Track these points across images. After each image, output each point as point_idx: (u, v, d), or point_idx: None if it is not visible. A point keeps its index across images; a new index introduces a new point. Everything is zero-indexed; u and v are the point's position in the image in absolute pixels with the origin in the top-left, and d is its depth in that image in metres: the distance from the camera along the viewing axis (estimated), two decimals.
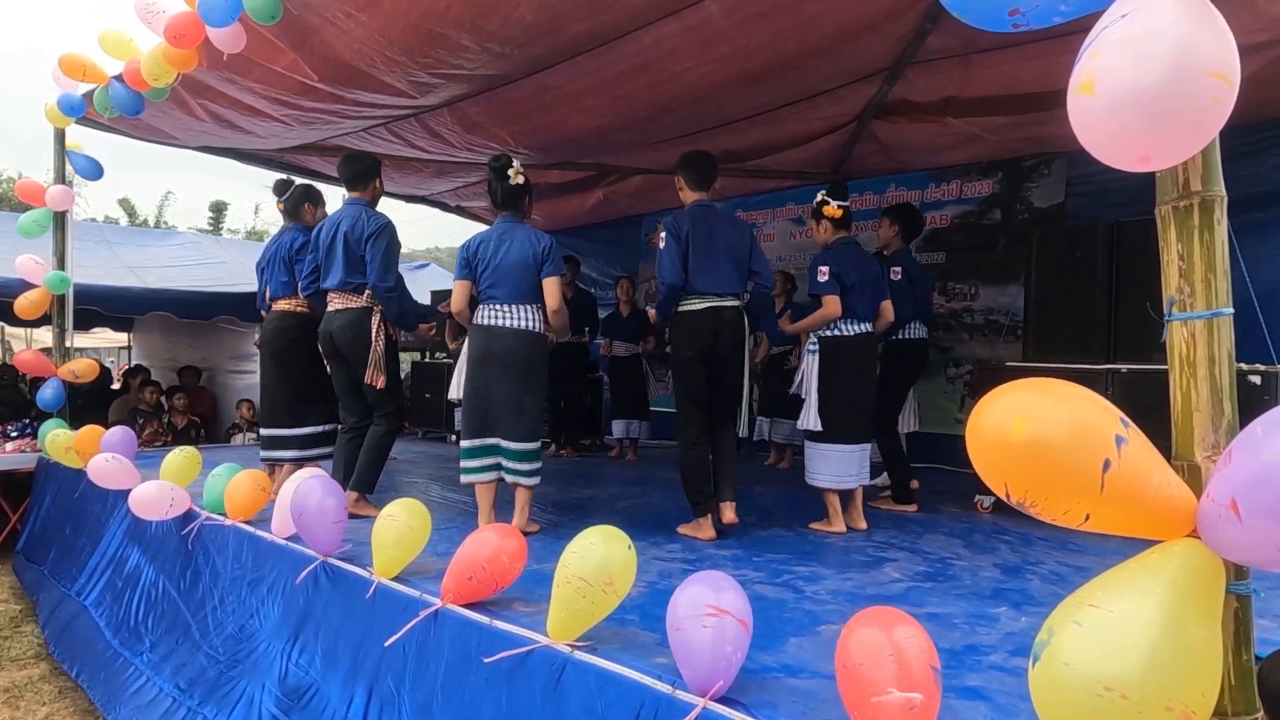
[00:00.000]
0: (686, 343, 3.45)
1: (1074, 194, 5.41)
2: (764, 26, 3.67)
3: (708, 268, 3.40)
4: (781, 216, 7.06)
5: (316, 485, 2.85)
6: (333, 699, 2.54)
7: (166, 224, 21.59)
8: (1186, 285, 1.30)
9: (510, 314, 3.31)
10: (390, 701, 2.34)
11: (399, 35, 3.52)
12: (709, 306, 3.42)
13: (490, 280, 3.33)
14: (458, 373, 3.50)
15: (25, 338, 12.11)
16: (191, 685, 3.15)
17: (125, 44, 4.59)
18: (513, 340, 3.30)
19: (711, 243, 3.42)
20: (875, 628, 1.53)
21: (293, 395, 4.00)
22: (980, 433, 1.22)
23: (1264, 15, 3.39)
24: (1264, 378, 3.35)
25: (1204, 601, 1.14)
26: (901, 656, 1.45)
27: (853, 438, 3.63)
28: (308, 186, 4.29)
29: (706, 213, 3.49)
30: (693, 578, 1.85)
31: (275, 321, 4.04)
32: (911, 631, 1.51)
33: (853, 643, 1.53)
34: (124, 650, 3.64)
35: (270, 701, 2.75)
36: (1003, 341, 5.68)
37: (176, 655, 3.34)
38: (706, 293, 3.41)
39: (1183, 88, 1.09)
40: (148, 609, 3.72)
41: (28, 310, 5.54)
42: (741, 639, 1.70)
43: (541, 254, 3.33)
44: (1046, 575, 2.91)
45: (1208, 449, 1.28)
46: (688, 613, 1.71)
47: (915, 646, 1.48)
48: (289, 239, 4.06)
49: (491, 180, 3.47)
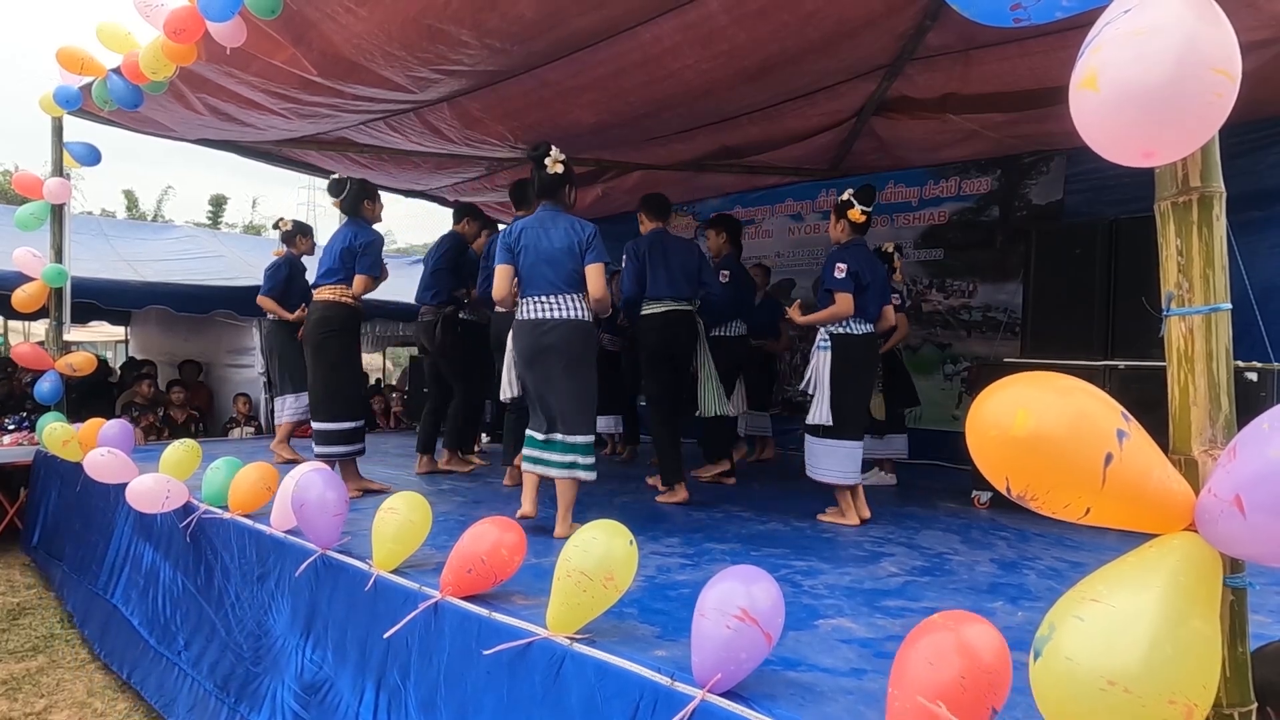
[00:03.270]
0: (649, 338, 4.26)
1: (1072, 191, 5.42)
2: (764, 23, 3.67)
3: (664, 279, 4.21)
4: (779, 213, 7.06)
5: (317, 478, 2.85)
6: (346, 694, 2.55)
7: (163, 218, 21.54)
8: (1185, 280, 1.31)
9: (556, 305, 3.22)
10: (397, 694, 2.35)
11: (398, 30, 3.51)
12: (667, 310, 4.22)
13: (532, 269, 3.25)
14: (506, 370, 3.46)
15: (24, 331, 12.08)
16: (226, 683, 3.17)
17: (123, 37, 4.57)
18: (563, 332, 3.21)
19: (667, 260, 4.23)
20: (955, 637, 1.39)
21: (330, 386, 3.93)
22: (981, 426, 1.21)
23: (1263, 12, 3.40)
24: (1260, 375, 3.36)
25: (1203, 595, 1.14)
26: (973, 682, 1.33)
27: (859, 434, 3.70)
28: (363, 182, 4.16)
29: (662, 237, 4.34)
30: (733, 571, 1.79)
31: (319, 310, 3.95)
32: (995, 666, 1.37)
33: (930, 639, 1.42)
34: (163, 649, 3.64)
35: (291, 698, 2.77)
36: (1000, 338, 5.69)
37: (209, 653, 3.35)
38: (664, 298, 4.21)
39: (1186, 83, 1.10)
40: (173, 606, 3.72)
41: (25, 303, 5.53)
42: (759, 649, 1.66)
43: (585, 241, 3.25)
44: (1043, 570, 2.93)
45: (1205, 443, 1.29)
46: (716, 606, 1.68)
47: (989, 680, 1.35)
48: (348, 232, 3.97)
49: (532, 171, 3.40)
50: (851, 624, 2.24)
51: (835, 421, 3.62)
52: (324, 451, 3.90)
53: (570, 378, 3.24)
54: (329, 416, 3.93)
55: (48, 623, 4.49)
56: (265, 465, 3.52)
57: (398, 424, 8.41)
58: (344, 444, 3.95)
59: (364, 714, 2.45)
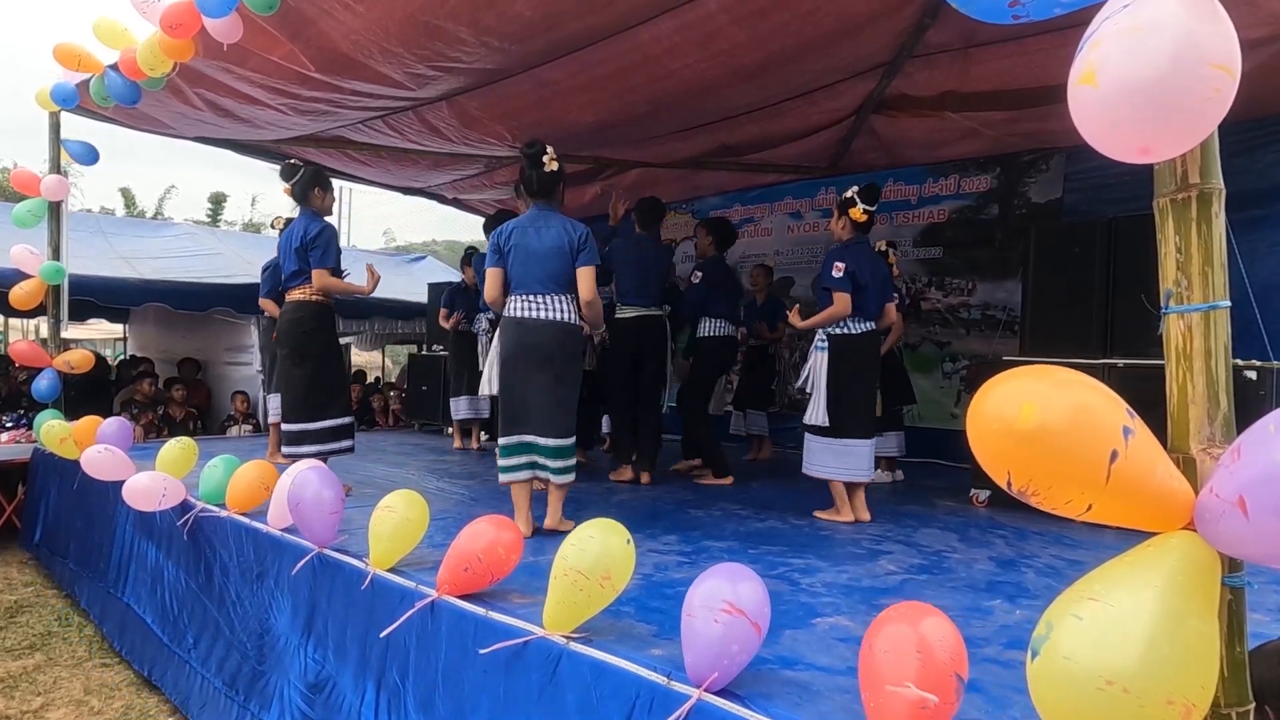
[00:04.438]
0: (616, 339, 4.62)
1: (1072, 189, 5.41)
2: (762, 22, 3.66)
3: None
4: (779, 211, 7.05)
5: (313, 476, 2.84)
6: (348, 693, 2.55)
7: (163, 215, 21.49)
8: (1184, 278, 1.30)
9: (544, 305, 3.17)
10: (396, 694, 2.35)
11: (396, 27, 3.50)
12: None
13: (522, 268, 3.19)
14: (489, 367, 3.39)
15: (22, 328, 12.06)
16: (234, 681, 3.17)
17: (120, 33, 4.55)
18: (547, 333, 3.16)
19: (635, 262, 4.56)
20: (905, 623, 1.48)
21: (311, 387, 3.86)
22: (983, 419, 1.18)
23: (1262, 10, 3.40)
24: (1259, 373, 3.36)
25: (1202, 594, 1.13)
26: (928, 654, 1.40)
27: (862, 433, 3.67)
28: (317, 169, 4.05)
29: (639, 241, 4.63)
30: (717, 569, 1.79)
31: (290, 312, 3.88)
32: (944, 634, 1.45)
33: (883, 630, 1.48)
34: (175, 647, 3.64)
35: (297, 697, 2.77)
36: (999, 337, 5.69)
37: (216, 651, 3.35)
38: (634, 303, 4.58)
39: (1185, 79, 1.09)
40: (179, 604, 3.72)
41: (23, 300, 5.51)
42: (750, 641, 1.68)
43: (577, 242, 3.20)
44: (1041, 569, 2.92)
45: (1203, 442, 1.28)
46: (702, 603, 1.69)
47: (946, 649, 1.42)
48: (299, 227, 3.85)
49: (525, 167, 3.32)
50: (849, 622, 2.23)
51: (834, 421, 3.61)
52: (316, 450, 3.80)
53: (552, 379, 3.17)
54: (313, 416, 3.84)
55: (45, 620, 4.48)
56: (263, 463, 3.50)
57: (396, 422, 8.40)
58: (334, 440, 3.88)
59: (365, 713, 2.45)
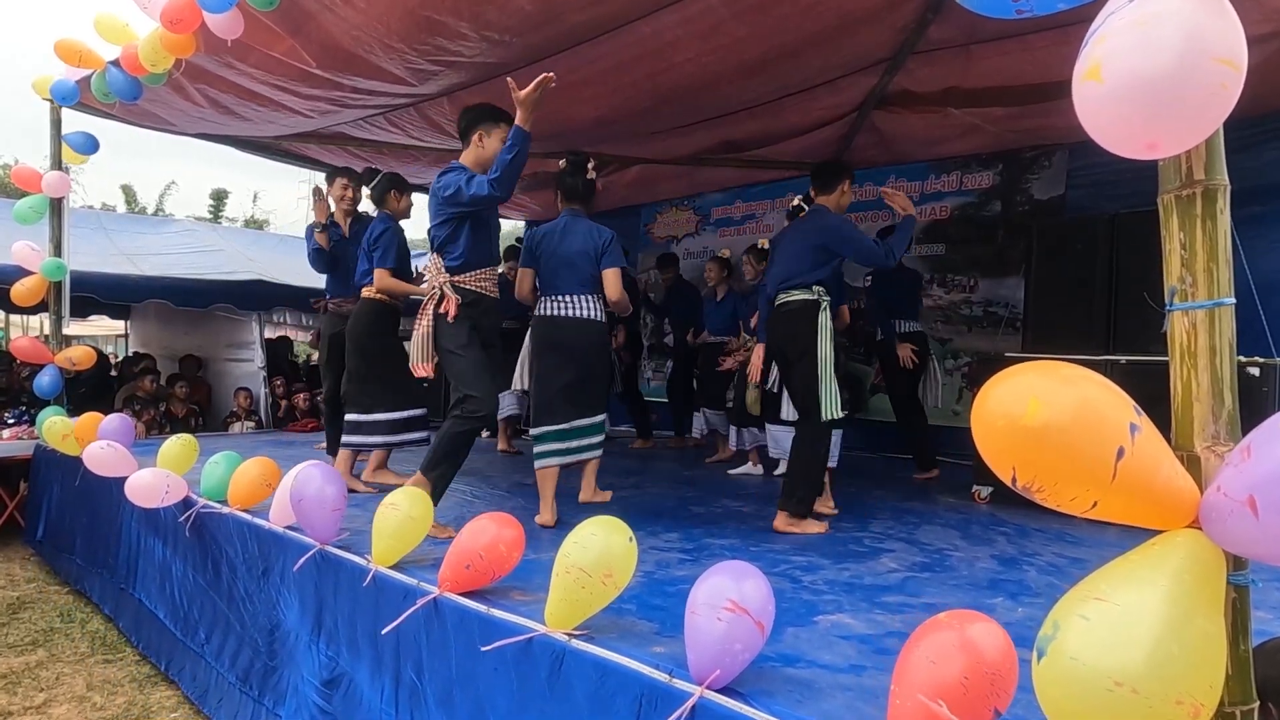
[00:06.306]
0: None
1: (1074, 186, 5.40)
2: (764, 17, 3.65)
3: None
4: (780, 207, 7.02)
5: (316, 473, 2.84)
6: (365, 688, 2.56)
7: (164, 212, 21.48)
8: (1188, 275, 1.29)
9: (571, 304, 3.42)
10: (415, 691, 2.35)
11: (397, 22, 3.50)
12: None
13: (552, 271, 3.45)
14: (521, 363, 3.60)
15: (23, 325, 12.06)
16: (247, 676, 3.18)
17: (121, 29, 4.55)
18: (574, 329, 3.42)
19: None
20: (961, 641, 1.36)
21: (367, 380, 4.04)
22: (988, 414, 1.17)
23: (1266, 6, 3.38)
24: (1263, 370, 3.35)
25: (1208, 593, 1.12)
26: (975, 681, 1.30)
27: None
28: (394, 175, 4.26)
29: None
30: (721, 566, 1.79)
31: (357, 309, 4.13)
32: (998, 666, 1.34)
33: (936, 638, 1.39)
34: (189, 643, 3.66)
35: (313, 692, 2.78)
36: (1001, 333, 5.68)
37: (228, 646, 3.37)
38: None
39: (1191, 74, 1.08)
40: (189, 600, 3.73)
41: (24, 297, 5.52)
42: (754, 640, 1.66)
43: (602, 246, 3.44)
44: (1043, 566, 2.92)
45: (1208, 439, 1.28)
46: (706, 601, 1.68)
47: (994, 681, 1.32)
48: (376, 228, 4.05)
49: (565, 174, 3.57)
50: (851, 620, 2.23)
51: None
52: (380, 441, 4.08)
53: (577, 371, 3.42)
54: (367, 409, 4.04)
55: (48, 617, 4.49)
56: (265, 461, 3.50)
57: None
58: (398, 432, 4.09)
59: (385, 709, 2.45)
